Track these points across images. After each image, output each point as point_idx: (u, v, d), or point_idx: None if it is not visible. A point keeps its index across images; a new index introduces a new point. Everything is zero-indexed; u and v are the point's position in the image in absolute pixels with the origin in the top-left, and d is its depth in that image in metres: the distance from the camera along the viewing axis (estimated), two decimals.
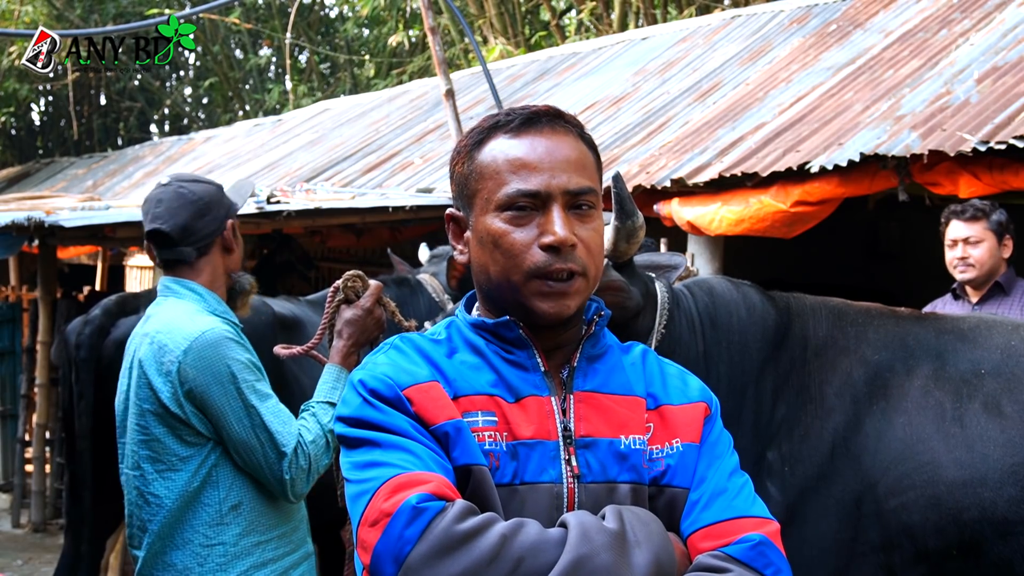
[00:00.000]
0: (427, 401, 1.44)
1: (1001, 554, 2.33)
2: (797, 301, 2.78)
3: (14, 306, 8.31)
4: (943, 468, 2.40)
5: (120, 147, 19.20)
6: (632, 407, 1.54)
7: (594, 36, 12.98)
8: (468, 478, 1.41)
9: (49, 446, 7.65)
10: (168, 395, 2.51)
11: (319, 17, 20.20)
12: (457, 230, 1.59)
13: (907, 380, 2.54)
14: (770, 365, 2.66)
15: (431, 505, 1.32)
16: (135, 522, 2.62)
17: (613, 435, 1.50)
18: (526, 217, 1.48)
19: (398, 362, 1.49)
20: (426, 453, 1.39)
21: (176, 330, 2.54)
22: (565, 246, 1.46)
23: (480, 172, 1.52)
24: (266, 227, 6.80)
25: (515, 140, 1.51)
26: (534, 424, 1.47)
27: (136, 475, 2.59)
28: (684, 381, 1.62)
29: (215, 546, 2.52)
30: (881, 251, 9.11)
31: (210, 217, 2.70)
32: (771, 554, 1.45)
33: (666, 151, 5.82)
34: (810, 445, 2.54)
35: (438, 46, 5.86)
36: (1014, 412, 2.41)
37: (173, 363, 2.50)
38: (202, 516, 2.53)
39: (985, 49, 5.45)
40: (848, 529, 2.46)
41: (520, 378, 1.51)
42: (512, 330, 1.51)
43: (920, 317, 2.73)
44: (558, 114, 1.54)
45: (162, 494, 2.54)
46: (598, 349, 1.57)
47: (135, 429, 2.58)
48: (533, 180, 1.47)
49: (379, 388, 1.45)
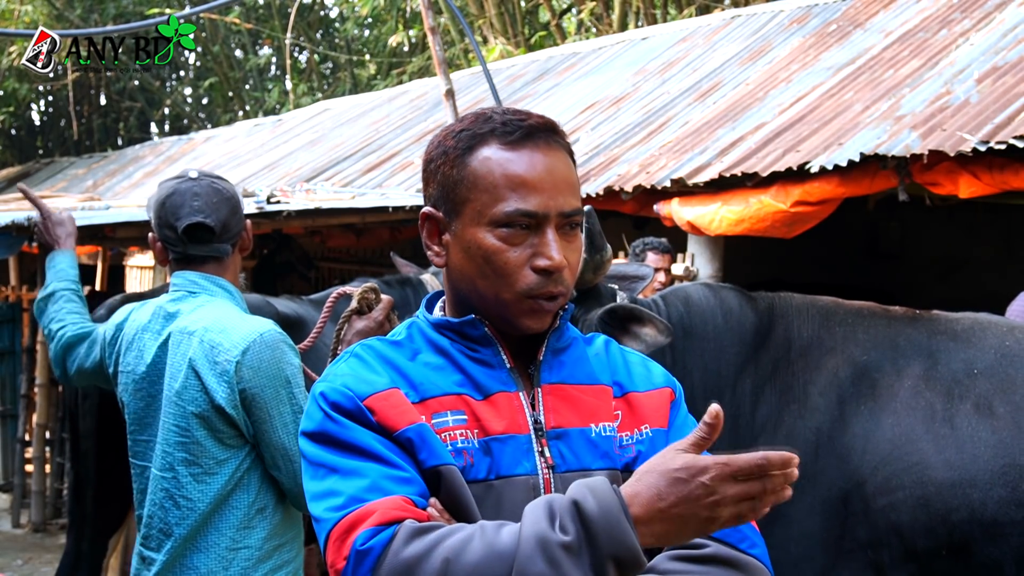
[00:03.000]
0: (388, 408, 1.44)
1: (991, 555, 2.33)
2: (782, 301, 2.78)
3: (14, 306, 8.31)
4: (933, 469, 2.40)
5: (120, 147, 19.21)
6: (599, 396, 1.55)
7: (594, 36, 12.99)
8: (439, 479, 1.42)
9: (49, 446, 7.65)
10: (225, 396, 2.43)
11: (319, 17, 20.20)
12: (434, 229, 1.56)
13: (896, 380, 2.54)
14: (749, 367, 2.67)
15: (375, 543, 1.32)
16: (157, 524, 2.52)
17: (583, 424, 1.51)
18: (520, 236, 1.47)
19: (358, 371, 1.49)
20: (379, 473, 1.39)
21: (230, 329, 2.48)
22: (559, 272, 1.47)
23: (473, 181, 1.49)
24: (266, 227, 6.80)
25: (513, 154, 1.48)
26: (505, 419, 1.48)
27: (168, 477, 2.49)
28: (647, 368, 1.65)
29: (240, 550, 2.47)
30: (881, 251, 9.11)
31: (240, 215, 2.68)
32: (745, 529, 1.47)
33: (666, 151, 5.82)
34: (793, 445, 2.54)
35: (438, 46, 5.87)
36: (1006, 413, 2.40)
37: (230, 362, 2.43)
38: (230, 520, 2.48)
39: (985, 49, 5.45)
40: (835, 527, 2.47)
41: (487, 375, 1.51)
42: (477, 328, 1.52)
43: (914, 317, 2.73)
44: (553, 128, 1.53)
45: (195, 497, 2.47)
46: (563, 342, 1.58)
47: (172, 430, 2.48)
48: (532, 200, 1.46)
49: (340, 400, 1.45)
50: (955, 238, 8.47)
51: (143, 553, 2.56)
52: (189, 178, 2.65)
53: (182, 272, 2.64)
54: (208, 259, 2.64)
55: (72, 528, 4.14)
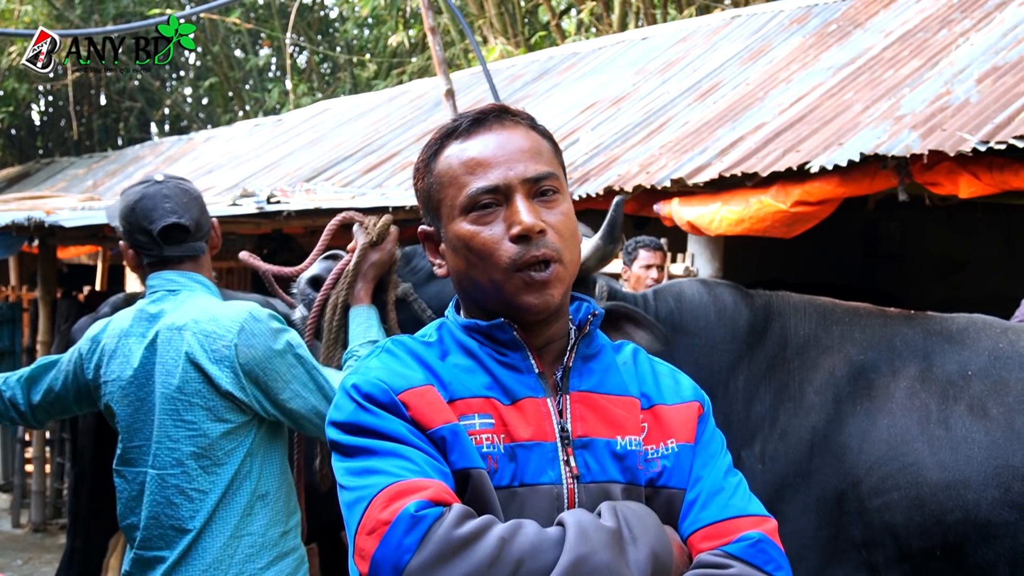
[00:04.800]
0: (423, 405, 1.43)
1: (985, 556, 2.33)
2: (779, 300, 2.78)
3: (14, 306, 8.31)
4: (927, 469, 2.40)
5: (120, 147, 19.21)
6: (627, 407, 1.54)
7: (594, 36, 12.99)
8: (467, 482, 1.40)
9: (49, 446, 7.66)
10: (230, 380, 2.45)
11: (319, 17, 20.20)
12: (432, 246, 1.59)
13: (892, 381, 2.54)
14: (743, 364, 2.66)
15: (429, 512, 1.31)
16: (166, 522, 2.49)
17: (610, 436, 1.50)
18: (491, 214, 1.48)
19: (392, 366, 1.48)
20: (423, 459, 1.38)
21: (219, 316, 2.50)
22: (533, 232, 1.46)
23: (439, 181, 1.52)
24: (266, 227, 6.80)
25: (467, 142, 1.51)
26: (532, 426, 1.47)
27: (177, 472, 2.48)
28: (676, 380, 1.62)
29: (244, 536, 2.47)
30: (881, 251, 9.12)
31: (207, 213, 2.73)
32: (771, 551, 1.46)
33: (666, 151, 5.82)
34: (788, 443, 2.55)
35: (438, 46, 5.86)
36: (999, 414, 2.40)
37: (228, 347, 2.45)
38: (234, 507, 2.48)
39: (985, 49, 5.45)
40: (829, 526, 2.47)
41: (515, 380, 1.50)
42: (506, 332, 1.51)
43: (909, 317, 2.73)
44: (504, 109, 1.54)
45: (207, 489, 2.47)
46: (592, 349, 1.56)
47: (175, 426, 2.48)
48: (491, 175, 1.47)
49: (374, 392, 1.43)
50: (955, 238, 8.47)
51: (145, 556, 2.53)
52: (156, 181, 2.70)
53: (159, 273, 2.66)
54: (184, 259, 2.66)
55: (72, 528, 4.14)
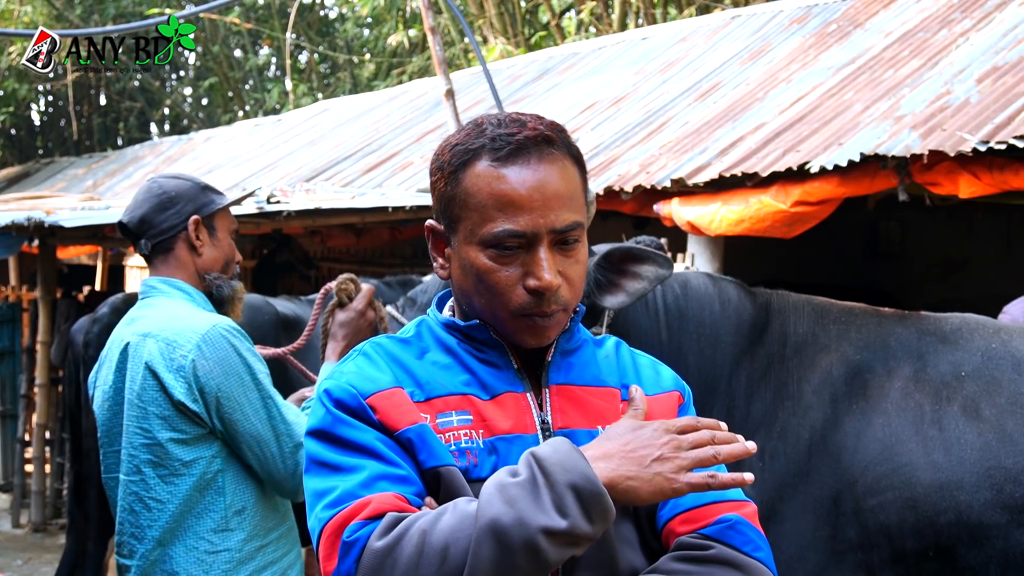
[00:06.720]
0: (390, 408, 1.45)
1: (976, 558, 2.33)
2: (779, 298, 2.79)
3: (14, 306, 8.31)
4: (921, 470, 2.40)
5: (120, 147, 19.21)
6: (606, 398, 1.56)
7: (594, 36, 12.99)
8: (438, 480, 1.42)
9: (49, 446, 7.65)
10: (183, 391, 2.43)
11: (319, 17, 20.20)
12: (438, 242, 1.58)
13: (887, 381, 2.55)
14: (745, 360, 2.67)
15: (361, 534, 1.34)
16: (128, 529, 2.52)
17: (590, 426, 1.52)
18: (511, 256, 1.47)
19: (364, 369, 1.50)
20: (376, 470, 1.40)
21: (182, 326, 2.49)
22: (551, 290, 1.46)
23: (464, 200, 1.48)
24: (266, 227, 6.79)
25: (503, 170, 1.46)
26: (511, 419, 1.49)
27: (136, 480, 2.50)
28: (657, 371, 1.64)
29: (220, 552, 2.47)
30: (881, 251, 9.11)
31: (173, 211, 2.64)
32: (749, 532, 1.48)
33: (666, 151, 5.82)
34: (787, 442, 2.55)
35: (438, 46, 5.87)
36: (992, 415, 2.40)
37: (186, 357, 2.44)
38: (206, 523, 2.48)
39: (985, 49, 5.45)
40: (826, 527, 2.47)
41: (494, 376, 1.52)
42: (483, 332, 1.53)
43: (904, 317, 2.73)
44: (547, 139, 1.48)
45: (165, 498, 2.47)
46: (572, 344, 1.58)
47: (135, 433, 2.49)
48: (520, 220, 1.44)
49: (343, 398, 1.46)
50: (955, 238, 8.47)
51: (119, 562, 2.57)
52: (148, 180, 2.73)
53: (146, 278, 2.71)
54: (152, 259, 2.68)
55: (72, 528, 4.14)
